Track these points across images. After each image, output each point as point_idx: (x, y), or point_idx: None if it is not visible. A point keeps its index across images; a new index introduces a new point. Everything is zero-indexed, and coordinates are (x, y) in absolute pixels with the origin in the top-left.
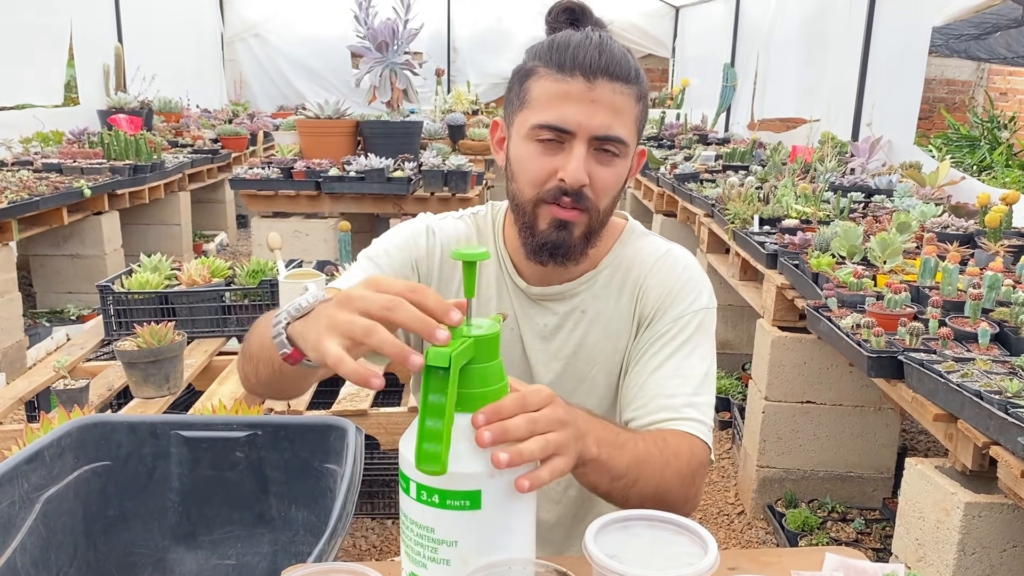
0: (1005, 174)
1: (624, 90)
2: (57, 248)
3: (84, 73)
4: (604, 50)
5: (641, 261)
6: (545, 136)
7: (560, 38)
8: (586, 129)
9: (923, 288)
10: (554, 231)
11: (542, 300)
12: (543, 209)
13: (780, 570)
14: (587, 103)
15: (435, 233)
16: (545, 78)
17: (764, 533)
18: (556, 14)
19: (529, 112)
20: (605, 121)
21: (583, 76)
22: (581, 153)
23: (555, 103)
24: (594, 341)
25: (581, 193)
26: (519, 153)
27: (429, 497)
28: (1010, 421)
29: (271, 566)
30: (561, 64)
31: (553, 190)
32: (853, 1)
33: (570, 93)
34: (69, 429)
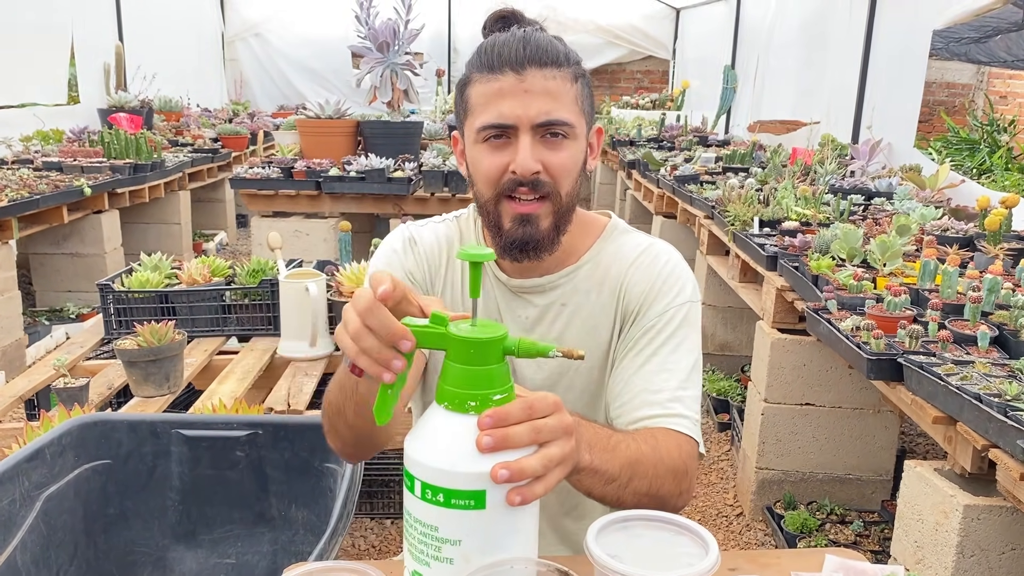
0: (1005, 177)
1: (556, 74)
2: (57, 247)
3: (85, 72)
4: (529, 42)
5: (622, 256)
6: (491, 135)
7: (487, 42)
8: (525, 119)
9: (923, 291)
10: (519, 227)
11: (523, 292)
12: (504, 206)
13: (780, 571)
14: (521, 94)
15: (416, 242)
16: (479, 82)
17: (763, 535)
18: (490, 25)
19: (472, 118)
20: (543, 107)
21: (511, 70)
22: (527, 143)
23: (491, 102)
24: (575, 335)
25: (537, 181)
26: (473, 157)
27: (434, 496)
28: (1009, 424)
29: (271, 565)
30: (491, 65)
31: (508, 183)
32: (853, 4)
33: (503, 89)
34: (70, 427)
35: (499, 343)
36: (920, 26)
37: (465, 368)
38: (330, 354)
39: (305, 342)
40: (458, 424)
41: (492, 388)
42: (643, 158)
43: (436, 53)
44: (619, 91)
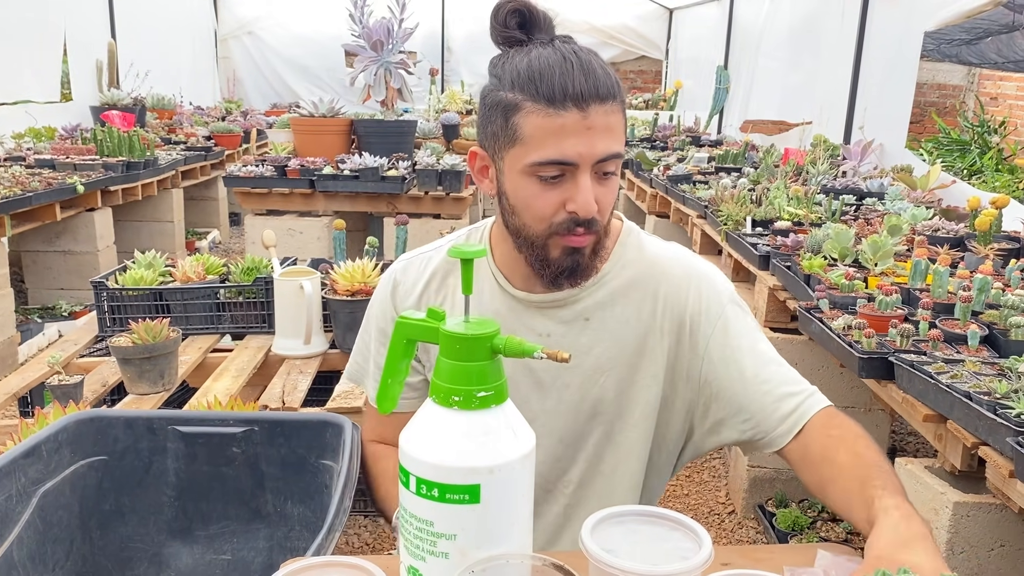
0: (995, 178)
1: (613, 108)
2: (49, 244)
3: (77, 69)
4: (589, 73)
5: (647, 265)
6: (547, 173)
7: (539, 65)
8: (588, 158)
9: (914, 290)
10: (567, 257)
11: (542, 307)
12: (554, 240)
13: (772, 566)
14: (584, 132)
15: (399, 283)
16: (535, 113)
17: (755, 533)
18: (504, 19)
19: (523, 149)
20: (604, 145)
21: (575, 106)
22: (587, 183)
23: (552, 139)
24: (602, 349)
25: (593, 219)
26: (519, 191)
27: (429, 491)
28: (999, 422)
29: (267, 561)
30: (551, 98)
31: (566, 222)
32: (846, 5)
33: (566, 127)
34: (66, 424)
35: (486, 340)
36: (912, 28)
37: (452, 363)
38: (324, 352)
39: (300, 340)
40: (450, 419)
41: (476, 385)
42: (636, 158)
43: (430, 52)
44: None
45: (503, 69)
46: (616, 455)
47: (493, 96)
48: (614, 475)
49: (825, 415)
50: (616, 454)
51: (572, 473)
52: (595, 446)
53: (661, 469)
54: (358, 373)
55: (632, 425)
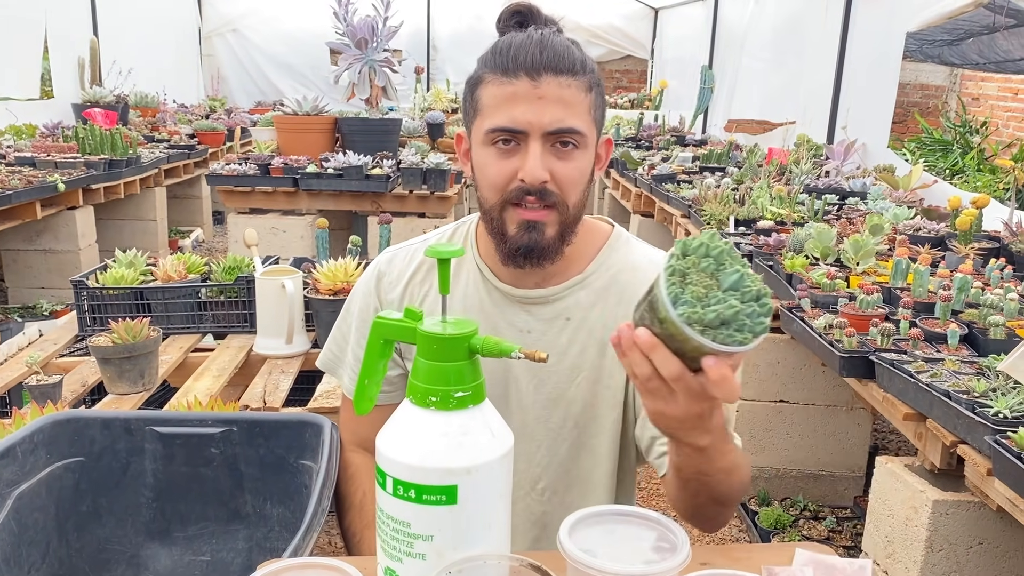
0: (976, 178)
1: (571, 82)
2: (30, 243)
3: (59, 66)
4: (546, 46)
5: (631, 271)
6: (500, 139)
7: (502, 42)
8: (537, 126)
9: (895, 290)
10: (524, 233)
11: (524, 303)
12: (510, 212)
13: (751, 565)
14: (535, 100)
15: (384, 274)
16: (492, 83)
17: (737, 531)
18: (505, 19)
19: (482, 119)
20: (556, 116)
21: (527, 75)
22: (537, 151)
23: (504, 106)
24: (579, 349)
25: (545, 190)
26: (479, 160)
27: (405, 492)
28: (977, 420)
29: (246, 562)
30: (505, 67)
31: (516, 191)
32: (829, 5)
33: (517, 93)
34: (42, 425)
35: (463, 340)
36: (894, 28)
37: (429, 363)
38: (306, 351)
39: (281, 339)
40: (427, 419)
41: (454, 385)
42: (621, 157)
43: (415, 50)
44: None
45: (482, 55)
46: (591, 459)
47: (468, 77)
48: (589, 479)
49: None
50: (591, 458)
51: (547, 479)
52: (569, 451)
53: (631, 469)
54: (333, 363)
55: (606, 428)
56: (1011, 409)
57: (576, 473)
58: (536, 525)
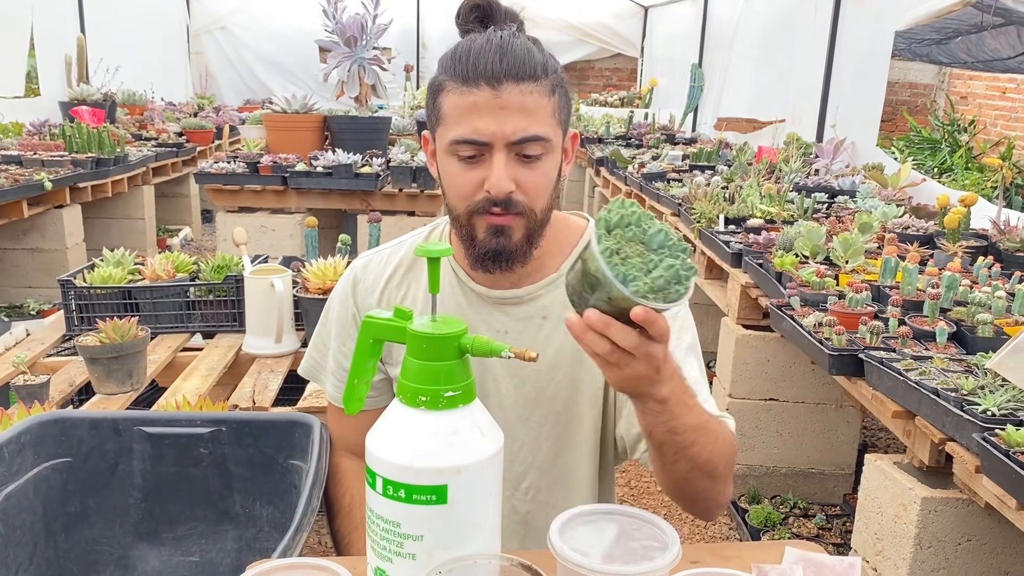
0: (965, 176)
1: (532, 88)
2: (17, 242)
3: (45, 64)
4: (506, 53)
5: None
6: (464, 151)
7: (462, 47)
8: (501, 137)
9: (884, 288)
10: (492, 238)
11: (501, 304)
12: (477, 220)
13: (741, 563)
14: (496, 111)
15: (359, 280)
16: (452, 92)
17: (727, 529)
18: (465, 14)
19: (445, 128)
20: (519, 125)
21: (487, 84)
22: (501, 161)
23: (465, 117)
24: (557, 347)
25: (510, 200)
26: (444, 169)
27: (395, 492)
28: (965, 418)
29: (235, 562)
30: (465, 76)
31: (482, 202)
32: (818, 4)
33: (478, 104)
34: (29, 425)
35: (453, 340)
36: (883, 27)
37: (418, 363)
38: (295, 351)
39: (271, 339)
40: (417, 419)
41: (444, 384)
42: (611, 155)
43: (404, 48)
44: (588, 88)
45: (442, 57)
46: (574, 457)
47: (430, 82)
48: (572, 477)
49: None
50: (573, 456)
51: (530, 479)
52: (551, 449)
53: (610, 467)
54: (314, 369)
55: (586, 426)
56: (999, 407)
57: (559, 472)
58: (521, 524)
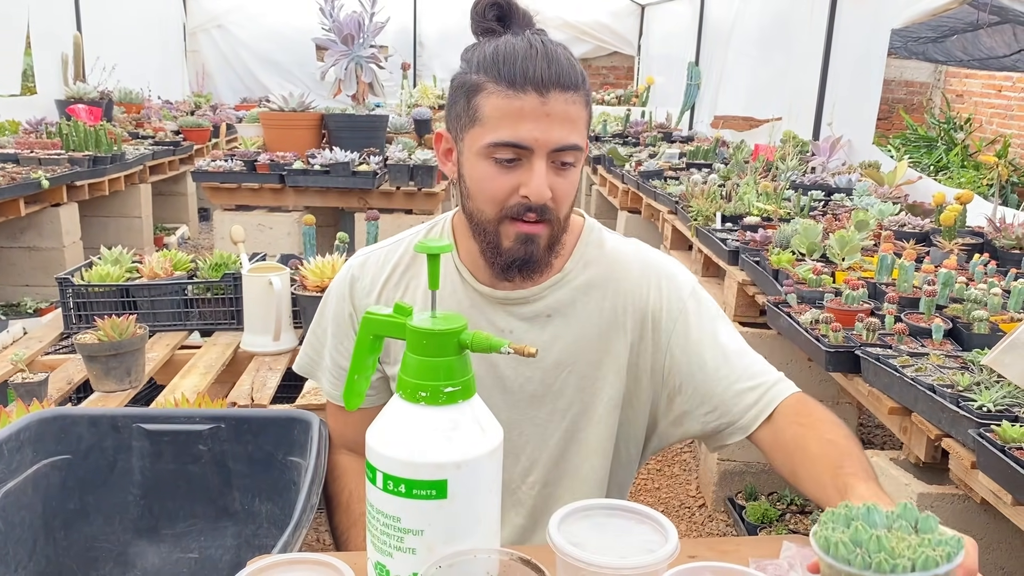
0: (960, 174)
1: (575, 99)
2: (14, 240)
3: (42, 62)
4: (552, 60)
5: (609, 264)
6: (503, 155)
7: (504, 49)
8: (544, 144)
9: (880, 285)
10: (521, 246)
11: (505, 303)
12: (506, 227)
13: (738, 558)
14: (542, 118)
15: (357, 280)
16: (496, 95)
17: (724, 525)
18: (483, 11)
19: (482, 130)
20: (562, 133)
21: (535, 91)
22: (543, 169)
23: (509, 121)
24: (563, 346)
25: (545, 207)
26: (475, 172)
27: (395, 487)
28: (961, 414)
29: (234, 559)
30: (511, 80)
31: (517, 207)
32: (815, 3)
33: (524, 109)
34: (28, 423)
35: (453, 335)
36: (879, 25)
37: (418, 358)
38: (294, 348)
39: (269, 336)
40: (417, 414)
41: (443, 380)
42: (608, 154)
43: (401, 46)
44: None
45: (472, 54)
46: (580, 453)
47: (460, 79)
48: (579, 473)
49: (794, 401)
50: (580, 452)
51: (537, 473)
52: (558, 445)
53: (628, 463)
54: (310, 366)
55: (596, 422)
56: (995, 403)
57: (565, 467)
58: (527, 518)
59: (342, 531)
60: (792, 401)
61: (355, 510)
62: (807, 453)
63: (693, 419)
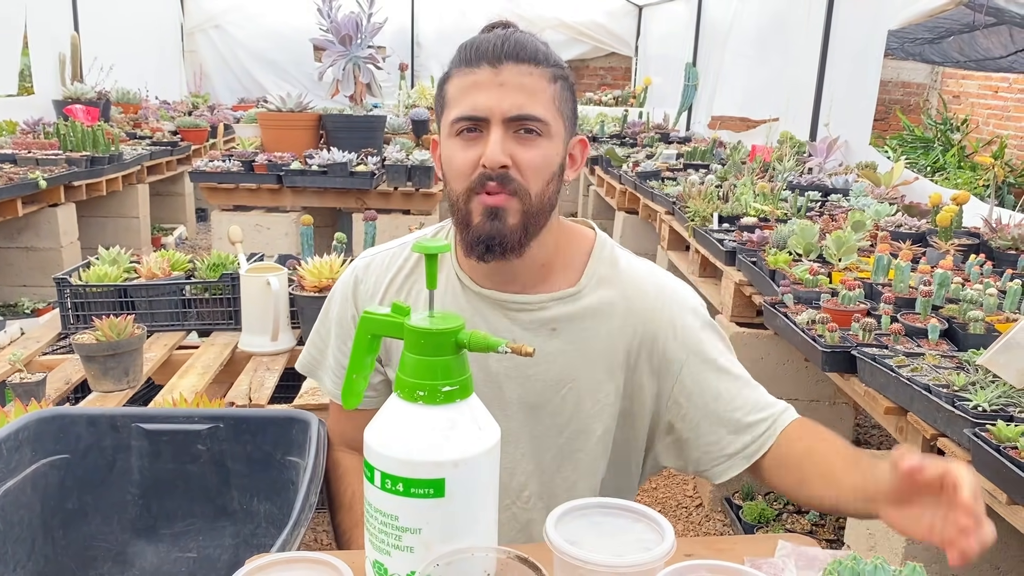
0: (957, 175)
1: (532, 71)
2: (11, 240)
3: (39, 62)
4: (508, 38)
5: (622, 285)
6: (463, 128)
7: (469, 39)
8: (498, 112)
9: (876, 285)
10: (487, 221)
11: (506, 308)
12: (474, 202)
13: (734, 556)
14: (495, 87)
15: (361, 283)
16: (456, 76)
17: (722, 525)
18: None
19: (448, 112)
20: (516, 101)
21: (488, 64)
22: (498, 136)
23: (466, 95)
24: (566, 361)
25: (506, 175)
26: (446, 153)
27: (393, 485)
28: (956, 414)
29: (233, 558)
30: (468, 59)
31: (478, 177)
32: (812, 4)
33: (478, 82)
34: (27, 422)
35: (450, 335)
36: (876, 26)
37: (416, 358)
38: (292, 348)
39: (267, 336)
40: (415, 414)
41: (441, 379)
42: (606, 154)
43: (399, 47)
44: (583, 88)
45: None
46: (577, 470)
47: (440, 77)
48: (575, 490)
49: (799, 424)
50: (577, 469)
51: (532, 488)
52: (554, 459)
53: (630, 481)
54: (312, 365)
55: (595, 441)
56: (990, 402)
57: (561, 483)
58: (523, 533)
59: (345, 530)
60: (796, 424)
61: (358, 510)
62: (816, 457)
63: (693, 448)
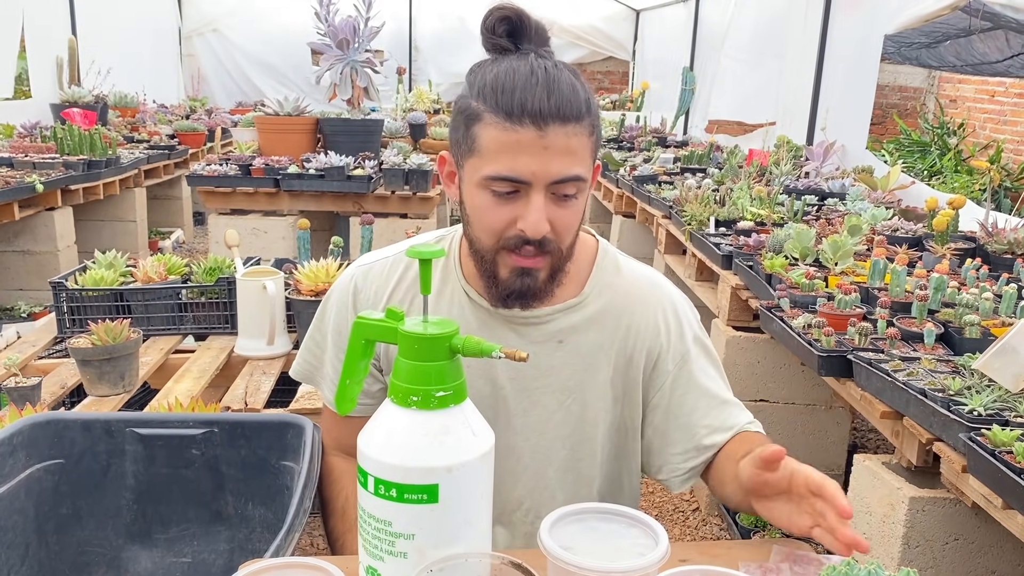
0: (954, 179)
1: (576, 130)
2: (8, 244)
3: (36, 66)
4: (552, 90)
5: (625, 293)
6: (500, 188)
7: (504, 76)
8: (542, 177)
9: (872, 289)
10: (517, 279)
11: (514, 323)
12: (503, 257)
13: (729, 561)
14: (540, 151)
15: (360, 291)
16: (492, 126)
17: (718, 529)
18: (493, 26)
19: (479, 161)
20: (561, 167)
21: (533, 124)
22: (540, 203)
23: (506, 154)
24: (572, 372)
25: (545, 239)
26: (474, 202)
27: (387, 491)
28: (952, 418)
29: (227, 563)
30: (509, 111)
31: (514, 239)
32: (809, 8)
33: (521, 143)
34: (21, 427)
35: (444, 340)
36: (872, 31)
37: (410, 363)
38: (288, 353)
39: (262, 340)
40: (408, 419)
41: (435, 384)
42: (603, 158)
43: (397, 51)
44: None
45: (475, 77)
46: (578, 481)
47: (461, 103)
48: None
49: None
50: (577, 480)
51: (531, 501)
52: (557, 471)
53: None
54: (309, 372)
55: (595, 453)
56: (985, 407)
57: (562, 497)
58: (519, 542)
59: (337, 536)
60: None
61: (351, 515)
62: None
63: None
